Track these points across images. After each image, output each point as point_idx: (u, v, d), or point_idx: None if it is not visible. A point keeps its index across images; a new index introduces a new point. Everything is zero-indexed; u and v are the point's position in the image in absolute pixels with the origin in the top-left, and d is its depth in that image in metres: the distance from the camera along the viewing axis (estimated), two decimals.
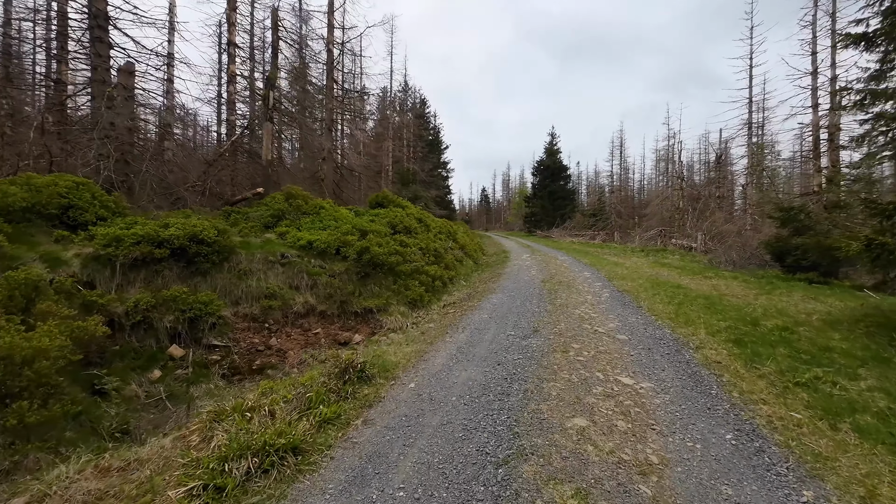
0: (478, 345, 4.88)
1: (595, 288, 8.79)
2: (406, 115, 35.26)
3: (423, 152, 33.24)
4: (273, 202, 8.92)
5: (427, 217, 13.38)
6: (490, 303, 7.49)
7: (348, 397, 3.30)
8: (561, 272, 11.33)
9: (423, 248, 10.25)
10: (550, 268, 12.39)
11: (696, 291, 8.17)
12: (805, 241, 10.82)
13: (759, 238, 15.94)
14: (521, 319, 6.04)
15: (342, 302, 6.73)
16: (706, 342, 4.79)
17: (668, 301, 7.16)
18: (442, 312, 7.37)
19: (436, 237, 12.56)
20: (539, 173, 43.99)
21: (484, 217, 74.66)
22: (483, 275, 11.97)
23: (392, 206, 12.32)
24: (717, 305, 6.79)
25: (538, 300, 7.46)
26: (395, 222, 10.56)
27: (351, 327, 6.59)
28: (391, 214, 10.98)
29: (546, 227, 39.40)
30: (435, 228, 13.44)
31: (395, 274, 7.93)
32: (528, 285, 9.19)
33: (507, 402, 3.29)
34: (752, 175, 24.07)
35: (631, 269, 11.98)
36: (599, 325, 5.64)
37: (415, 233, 10.84)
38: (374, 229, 8.97)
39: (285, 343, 5.77)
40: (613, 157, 45.03)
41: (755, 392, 3.42)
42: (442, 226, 14.69)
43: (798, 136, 16.71)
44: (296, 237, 7.48)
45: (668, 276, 10.59)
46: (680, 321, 5.79)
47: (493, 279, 10.77)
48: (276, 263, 6.50)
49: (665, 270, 11.97)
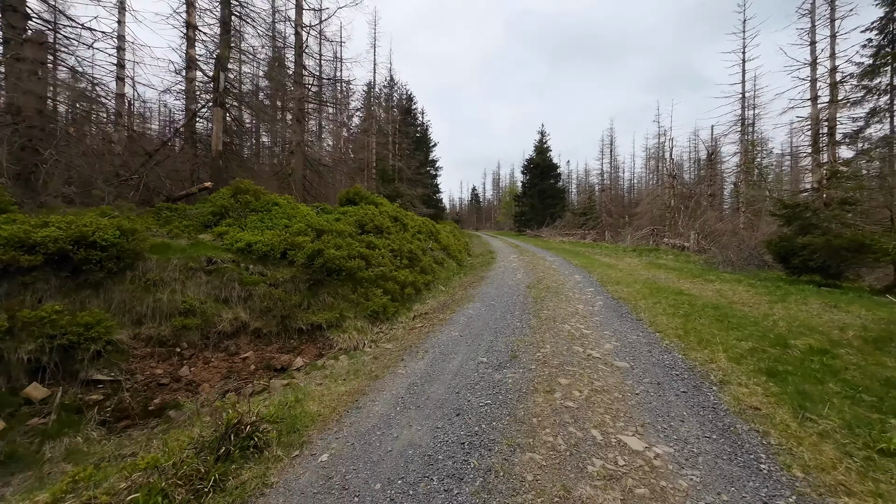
0: (437, 380, 3.71)
1: (587, 295, 7.69)
2: (392, 112, 33.97)
3: (410, 149, 31.97)
4: (217, 198, 7.65)
5: (405, 215, 12.18)
6: (466, 314, 6.34)
7: (210, 490, 2.10)
8: (549, 275, 10.22)
9: (396, 249, 9.06)
10: (538, 270, 11.28)
11: (701, 299, 7.11)
12: (813, 240, 9.85)
13: (757, 237, 15.05)
14: (497, 339, 4.89)
15: (284, 317, 5.51)
16: (731, 373, 3.68)
17: (671, 312, 6.07)
18: (408, 327, 6.19)
19: (413, 238, 11.38)
20: (529, 172, 43.01)
21: (474, 216, 73.61)
22: (465, 278, 10.82)
23: (364, 203, 11.09)
24: (729, 317, 5.71)
25: (521, 311, 6.32)
26: (365, 221, 9.34)
27: (293, 348, 5.38)
28: (361, 212, 9.76)
29: (536, 227, 38.43)
30: (413, 228, 12.25)
31: (355, 281, 6.73)
32: (512, 292, 8.06)
33: (456, 495, 2.12)
34: (744, 172, 23.29)
35: (625, 272, 10.92)
36: (593, 347, 4.51)
37: (387, 233, 9.63)
38: (336, 229, 7.75)
39: (201, 373, 4.54)
40: (603, 156, 44.25)
41: (825, 468, 2.30)
42: (422, 225, 13.49)
43: (798, 130, 15.83)
44: (234, 238, 6.24)
45: (667, 280, 9.55)
46: (691, 340, 4.69)
47: (475, 283, 9.63)
48: (198, 271, 5.25)
49: (662, 273, 10.94)
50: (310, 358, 5.28)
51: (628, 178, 50.14)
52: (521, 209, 43.35)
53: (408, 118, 34.97)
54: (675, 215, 25.89)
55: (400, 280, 7.58)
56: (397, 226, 10.86)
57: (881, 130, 18.05)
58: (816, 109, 14.83)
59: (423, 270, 9.56)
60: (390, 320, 6.60)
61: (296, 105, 12.57)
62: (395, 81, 33.99)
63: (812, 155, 14.87)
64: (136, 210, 6.93)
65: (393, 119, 32.34)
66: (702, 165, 36.91)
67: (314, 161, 13.83)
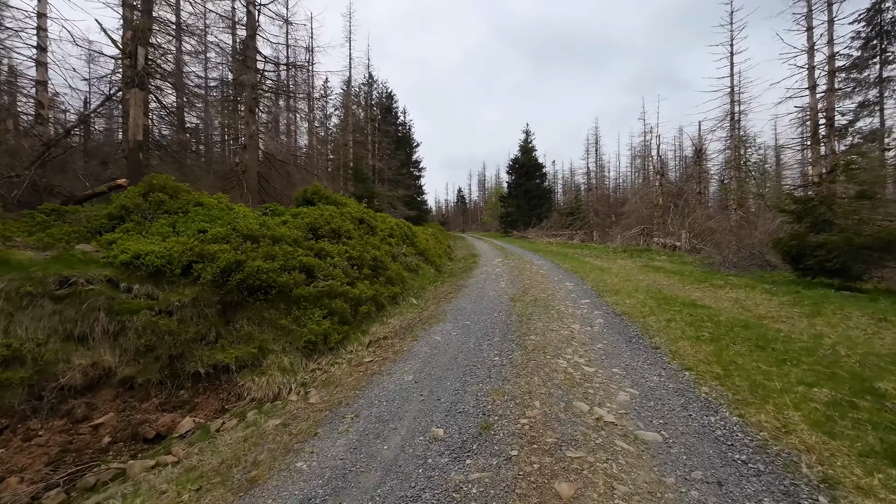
0: (354, 485, 2.21)
1: (582, 309, 6.28)
2: (372, 110, 32.38)
3: (390, 149, 30.41)
4: (121, 197, 6.02)
5: (372, 217, 10.63)
6: (431, 342, 4.85)
7: None
8: (536, 283, 8.81)
9: (356, 257, 7.52)
10: (524, 277, 9.86)
11: (721, 313, 5.75)
12: (829, 238, 8.66)
13: (756, 236, 13.95)
14: (466, 387, 3.41)
15: (174, 357, 3.94)
16: (830, 459, 2.27)
17: (693, 334, 4.68)
18: (356, 360, 4.66)
19: (382, 242, 9.85)
20: (514, 172, 41.85)
21: (460, 218, 72.34)
22: (441, 287, 9.33)
23: (324, 203, 9.53)
24: (770, 342, 4.35)
25: (502, 336, 4.86)
26: (319, 224, 7.78)
27: (183, 402, 3.81)
28: (316, 214, 8.19)
29: (522, 227, 37.23)
30: (384, 230, 10.72)
31: (289, 301, 5.17)
32: (493, 306, 6.60)
33: None
34: (734, 168, 22.38)
35: (621, 277, 9.58)
36: (603, 401, 3.07)
37: (347, 237, 8.09)
38: (276, 234, 6.18)
39: (14, 457, 2.95)
40: (589, 155, 43.38)
41: None
42: (395, 228, 11.97)
43: (797, 121, 14.81)
44: (122, 249, 4.65)
45: (671, 287, 8.23)
46: (737, 384, 3.29)
47: (452, 295, 8.15)
48: (41, 297, 3.65)
49: (662, 277, 9.64)
50: (206, 415, 3.71)
51: (614, 177, 49.48)
52: (506, 210, 42.15)
53: (388, 117, 33.41)
54: (663, 214, 24.90)
55: (354, 296, 6.04)
56: (362, 229, 9.32)
57: (871, 124, 17.29)
58: (815, 99, 13.81)
59: (390, 281, 8.03)
60: (335, 350, 5.06)
61: (248, 93, 10.95)
62: (374, 79, 32.42)
63: (812, 147, 13.82)
64: (3, 215, 5.25)
65: (372, 117, 30.75)
66: (688, 163, 36.25)
67: (272, 157, 12.18)
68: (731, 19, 21.25)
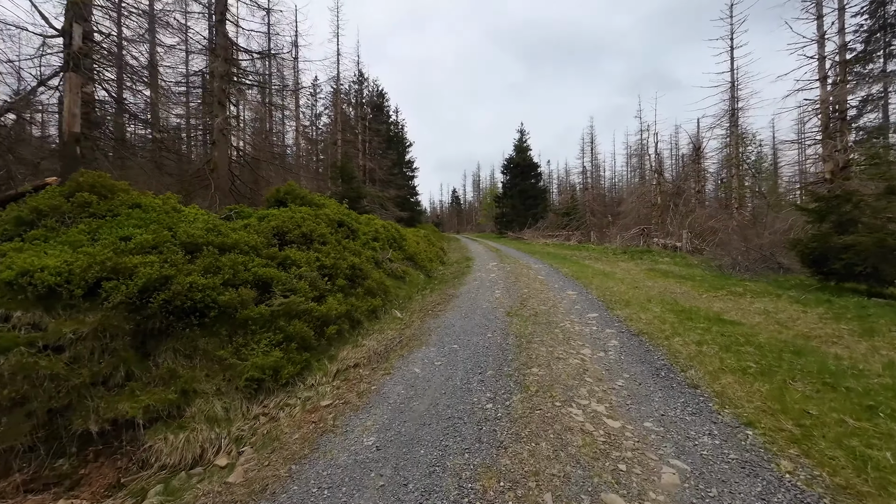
0: None
1: (591, 326, 5.30)
2: (364, 109, 31.31)
3: (381, 148, 29.37)
4: (38, 199, 4.97)
5: (354, 219, 9.61)
6: (407, 377, 3.85)
7: None
8: (535, 292, 7.83)
9: (330, 266, 6.48)
10: (521, 284, 8.88)
11: (757, 331, 4.80)
12: (859, 239, 7.78)
13: (766, 236, 13.09)
14: (445, 461, 2.41)
15: (55, 412, 2.92)
16: None
17: (735, 363, 3.71)
18: (312, 403, 3.64)
19: (364, 247, 8.84)
20: (509, 171, 40.96)
21: (455, 219, 71.40)
22: (430, 297, 8.33)
23: (298, 203, 8.50)
24: (838, 377, 3.38)
25: (496, 369, 3.87)
26: (287, 228, 6.75)
27: (62, 475, 2.79)
28: (285, 216, 7.16)
29: (518, 228, 36.33)
30: (367, 234, 9.70)
31: (233, 324, 4.15)
32: (486, 323, 5.61)
33: None
34: (735, 166, 21.60)
35: (628, 283, 8.64)
36: (641, 487, 2.08)
37: (321, 242, 7.06)
38: (229, 242, 5.14)
39: None
40: (584, 154, 42.58)
41: None
42: (380, 231, 10.95)
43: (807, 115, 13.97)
44: (7, 264, 3.61)
45: (685, 295, 7.29)
46: (825, 451, 2.32)
47: (440, 307, 7.16)
48: None
49: (673, 283, 8.71)
50: (93, 495, 2.68)
51: (609, 176, 48.77)
52: (502, 210, 41.25)
53: (379, 115, 32.36)
54: (662, 214, 24.09)
55: (321, 314, 5.01)
56: (341, 233, 8.29)
57: (875, 119, 16.53)
58: (827, 91, 12.96)
59: (370, 292, 7.02)
60: (291, 386, 4.04)
61: (218, 84, 9.89)
62: (364, 77, 31.35)
63: (824, 142, 12.98)
64: None
65: (363, 116, 29.67)
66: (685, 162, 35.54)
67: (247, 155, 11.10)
68: (730, 12, 20.48)
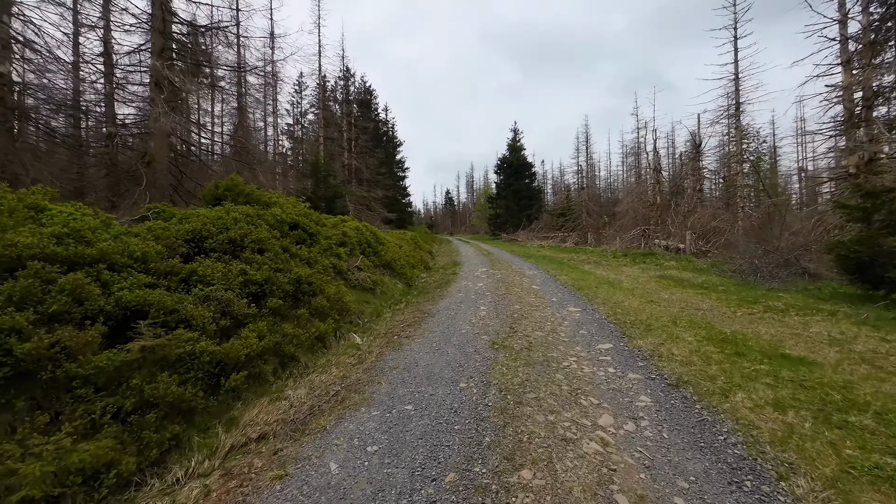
0: None
1: (605, 368, 3.77)
2: (350, 106, 29.72)
3: (368, 147, 27.79)
4: None
5: (314, 221, 8.02)
6: (318, 478, 2.31)
7: None
8: (529, 309, 6.30)
9: (262, 280, 4.91)
10: (512, 297, 7.36)
11: (852, 380, 3.30)
12: None
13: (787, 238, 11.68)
14: None
15: None
16: None
17: (865, 462, 2.21)
18: None
19: (324, 254, 7.29)
20: (502, 171, 39.51)
21: (449, 220, 69.92)
22: (401, 315, 6.78)
23: (240, 201, 6.92)
24: None
25: (463, 466, 2.31)
26: (208, 232, 5.17)
27: None
28: (211, 217, 5.58)
29: (512, 230, 34.87)
30: (332, 238, 8.16)
31: (46, 388, 2.58)
32: (461, 362, 4.07)
33: None
34: (739, 162, 20.27)
35: (640, 295, 7.15)
36: None
37: (256, 250, 5.49)
38: (91, 253, 3.56)
39: None
40: (579, 153, 41.25)
41: None
42: (351, 234, 9.39)
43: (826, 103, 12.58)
44: None
45: (714, 312, 5.80)
46: None
47: (410, 330, 5.62)
48: None
49: (693, 295, 7.22)
50: None
51: (604, 176, 47.53)
52: (495, 211, 39.80)
53: (367, 113, 30.78)
54: (662, 213, 22.71)
55: (220, 356, 3.44)
56: (291, 237, 6.72)
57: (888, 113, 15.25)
58: (850, 76, 11.57)
59: (319, 313, 5.45)
60: (127, 491, 2.46)
61: (154, 64, 8.28)
62: (351, 72, 29.77)
63: (847, 132, 11.58)
64: None
65: (348, 113, 28.08)
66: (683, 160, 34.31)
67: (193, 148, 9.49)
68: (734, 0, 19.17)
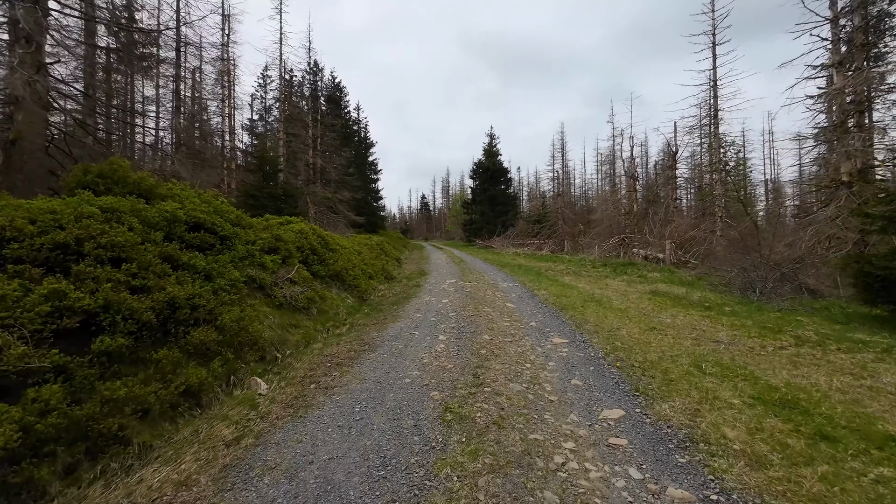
0: None
1: (625, 469, 2.19)
2: (318, 101, 27.70)
3: (336, 145, 25.84)
4: None
5: (230, 221, 6.18)
6: None
7: None
8: (502, 340, 4.71)
9: (98, 306, 3.10)
10: (482, 320, 5.76)
11: None
12: None
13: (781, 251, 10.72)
14: None
15: None
16: None
17: None
18: None
19: (240, 263, 5.51)
20: (478, 176, 38.30)
21: (424, 225, 68.22)
22: (335, 348, 5.04)
23: (116, 191, 5.04)
24: None
25: None
26: (18, 235, 3.32)
27: None
28: (37, 210, 3.71)
29: (487, 236, 33.58)
30: (255, 245, 6.35)
31: None
32: (390, 450, 2.40)
33: None
34: (717, 171, 19.72)
35: (636, 318, 5.73)
36: None
37: (112, 260, 3.67)
38: None
39: None
40: (555, 160, 40.61)
41: None
42: (287, 237, 7.59)
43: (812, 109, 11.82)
44: None
45: (739, 346, 4.41)
46: None
47: (336, 372, 3.92)
48: None
49: (698, 318, 5.87)
50: None
51: (579, 184, 47.27)
52: (470, 217, 38.49)
53: (336, 110, 28.80)
54: (639, 222, 21.93)
55: None
56: (188, 242, 4.89)
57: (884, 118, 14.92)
58: (845, 78, 10.80)
59: (200, 351, 3.68)
60: None
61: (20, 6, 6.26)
62: (319, 66, 27.78)
63: (840, 138, 10.78)
64: None
65: (315, 109, 26.07)
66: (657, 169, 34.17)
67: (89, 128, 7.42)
68: (712, 6, 18.68)
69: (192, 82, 23.91)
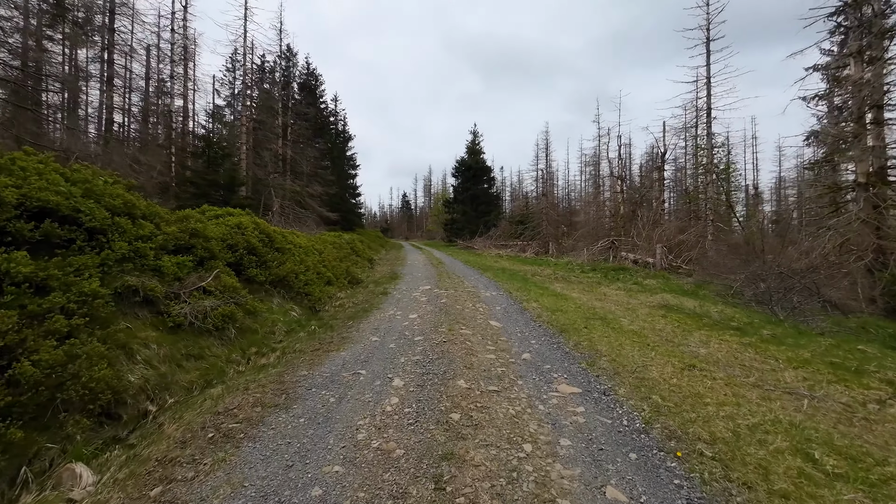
0: None
1: None
2: (290, 89, 25.56)
3: (307, 135, 23.79)
4: None
5: (106, 207, 4.39)
6: None
7: None
8: (484, 392, 3.12)
9: None
10: (457, 351, 4.15)
11: None
12: None
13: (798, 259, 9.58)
14: None
15: None
16: None
17: None
18: None
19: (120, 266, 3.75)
20: (461, 174, 36.80)
21: (405, 224, 66.31)
22: (234, 397, 3.33)
23: None
24: None
25: None
26: None
27: None
28: None
29: (468, 236, 32.11)
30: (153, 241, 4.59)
31: None
32: None
33: None
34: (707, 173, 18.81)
35: (662, 350, 4.24)
36: None
37: None
38: None
39: None
40: (539, 160, 39.56)
41: None
42: (212, 233, 5.80)
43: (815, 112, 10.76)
44: None
45: (830, 407, 2.98)
46: None
47: (217, 453, 2.21)
48: None
49: (736, 346, 4.45)
50: None
51: (562, 186, 46.46)
52: (452, 216, 36.96)
53: (310, 98, 26.68)
54: (626, 224, 20.85)
55: None
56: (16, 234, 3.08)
57: None
58: (861, 69, 9.74)
59: None
60: None
61: None
62: (292, 52, 25.62)
63: (855, 136, 9.71)
64: None
65: (287, 97, 23.95)
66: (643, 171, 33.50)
67: None
68: None
69: (148, 60, 21.43)
